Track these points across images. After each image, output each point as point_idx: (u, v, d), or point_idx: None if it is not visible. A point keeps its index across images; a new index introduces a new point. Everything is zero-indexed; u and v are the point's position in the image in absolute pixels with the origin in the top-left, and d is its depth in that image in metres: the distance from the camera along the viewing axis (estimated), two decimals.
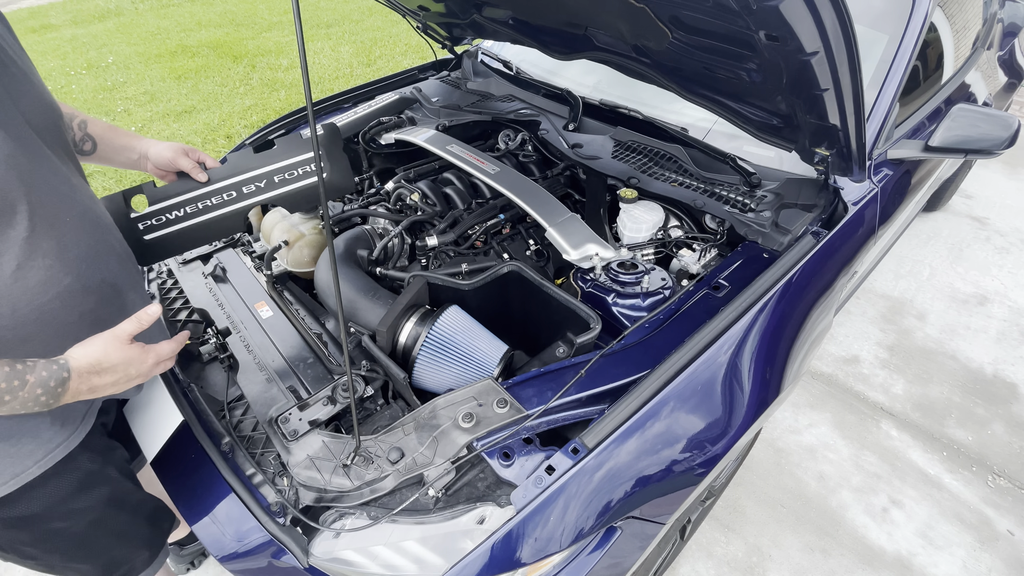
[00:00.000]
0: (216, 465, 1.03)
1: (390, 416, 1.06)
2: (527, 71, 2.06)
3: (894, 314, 2.52)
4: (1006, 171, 3.57)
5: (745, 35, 0.98)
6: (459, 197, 1.50)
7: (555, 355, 1.12)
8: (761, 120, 1.32)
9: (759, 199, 1.38)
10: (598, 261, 1.23)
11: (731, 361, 1.07)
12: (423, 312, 1.13)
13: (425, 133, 1.66)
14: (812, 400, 2.12)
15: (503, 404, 0.94)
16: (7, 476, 0.82)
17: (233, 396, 1.14)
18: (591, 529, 0.90)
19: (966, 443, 1.98)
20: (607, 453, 0.91)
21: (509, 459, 0.90)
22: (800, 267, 1.23)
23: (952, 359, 2.31)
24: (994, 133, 1.46)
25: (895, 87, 1.48)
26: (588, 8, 1.30)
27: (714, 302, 1.14)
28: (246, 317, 1.28)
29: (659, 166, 1.56)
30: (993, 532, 1.72)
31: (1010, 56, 2.54)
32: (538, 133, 1.74)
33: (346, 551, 0.89)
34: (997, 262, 2.82)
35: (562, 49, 1.64)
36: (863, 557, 1.66)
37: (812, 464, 1.90)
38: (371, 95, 2.07)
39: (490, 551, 0.84)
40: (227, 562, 0.96)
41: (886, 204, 1.53)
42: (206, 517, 1.00)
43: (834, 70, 0.95)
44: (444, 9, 1.83)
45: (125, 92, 4.86)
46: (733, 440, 1.05)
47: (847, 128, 1.13)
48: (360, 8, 7.25)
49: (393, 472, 0.91)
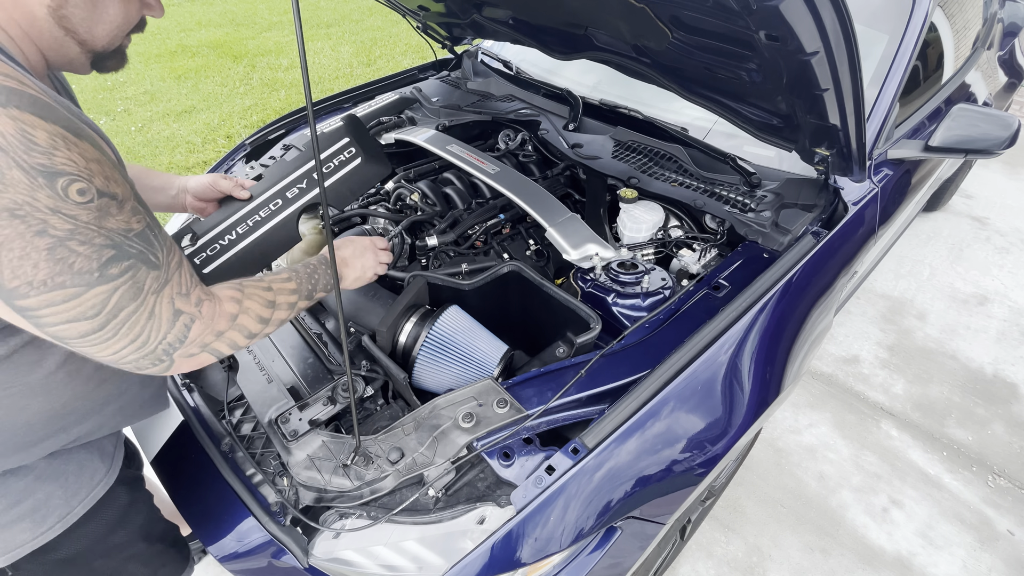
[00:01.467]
0: (216, 465, 1.03)
1: (390, 416, 1.06)
2: (527, 71, 2.06)
3: (894, 314, 2.52)
4: (1006, 171, 3.57)
5: (745, 35, 0.98)
6: (459, 197, 1.50)
7: (555, 355, 1.12)
8: (761, 120, 1.32)
9: (759, 199, 1.38)
10: (598, 261, 1.23)
11: (731, 361, 1.07)
12: (423, 312, 1.13)
13: (425, 133, 1.66)
14: (812, 400, 2.12)
15: (503, 404, 0.94)
16: (55, 518, 0.80)
17: (233, 396, 1.14)
18: (591, 529, 0.89)
19: (966, 443, 1.98)
20: (607, 453, 0.91)
21: (509, 459, 0.90)
22: (800, 267, 1.23)
23: (952, 359, 2.31)
24: (994, 133, 1.46)
25: (895, 87, 1.48)
26: (588, 8, 1.30)
27: (714, 302, 1.14)
28: None
29: (659, 166, 1.56)
30: (993, 532, 1.72)
31: (1010, 56, 2.54)
32: (538, 133, 1.74)
33: (346, 551, 0.89)
34: (997, 262, 2.82)
35: (562, 49, 1.64)
36: (863, 557, 1.66)
37: (812, 464, 1.90)
38: (371, 95, 2.07)
39: (490, 551, 0.84)
40: (227, 562, 0.96)
41: (886, 204, 1.53)
42: (206, 517, 1.00)
43: (834, 70, 0.95)
44: (444, 9, 1.83)
45: (125, 92, 4.86)
46: (733, 440, 1.05)
47: (847, 128, 1.13)
48: (360, 8, 7.25)
49: (393, 472, 0.91)
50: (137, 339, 0.61)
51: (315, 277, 0.85)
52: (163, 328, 0.63)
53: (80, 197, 0.54)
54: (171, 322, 0.63)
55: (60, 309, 0.55)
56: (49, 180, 0.52)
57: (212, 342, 0.68)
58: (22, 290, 0.53)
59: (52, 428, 0.78)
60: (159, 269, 0.62)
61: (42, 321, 0.56)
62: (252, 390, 1.10)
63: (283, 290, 0.78)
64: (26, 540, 0.78)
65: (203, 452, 1.06)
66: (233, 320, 0.70)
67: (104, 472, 0.88)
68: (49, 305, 0.55)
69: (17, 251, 0.51)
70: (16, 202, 0.50)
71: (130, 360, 0.63)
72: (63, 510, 0.81)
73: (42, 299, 0.54)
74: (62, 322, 0.56)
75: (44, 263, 0.53)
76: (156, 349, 0.63)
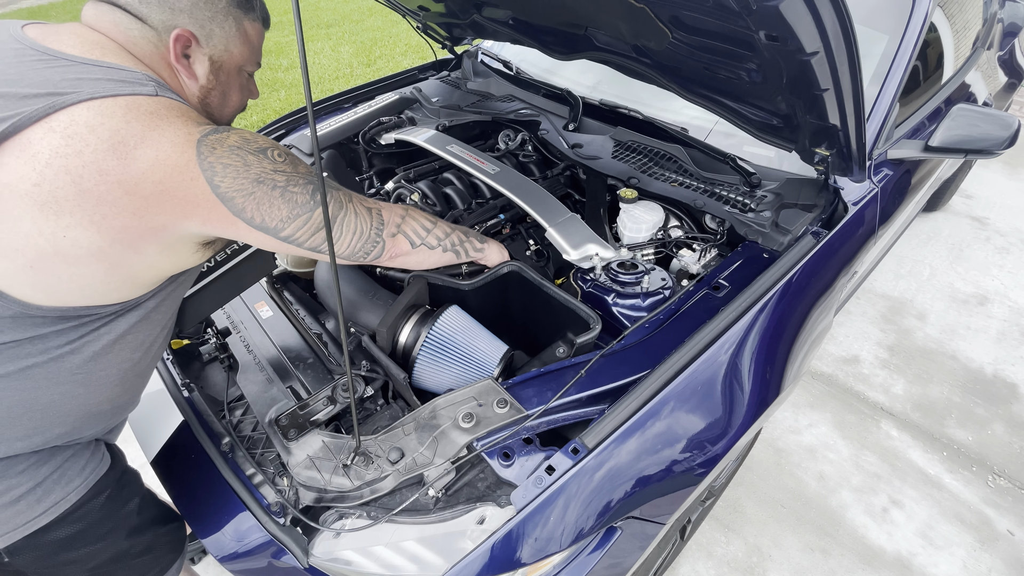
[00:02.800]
0: (216, 465, 1.03)
1: (390, 416, 1.06)
2: (527, 71, 2.06)
3: (894, 314, 2.52)
4: (1006, 171, 3.57)
5: (745, 35, 0.98)
6: (459, 197, 1.50)
7: (555, 355, 1.12)
8: (761, 120, 1.32)
9: (759, 199, 1.38)
10: (598, 261, 1.23)
11: (731, 361, 1.07)
12: (423, 312, 1.13)
13: (425, 133, 1.66)
14: (812, 400, 2.12)
15: (503, 404, 0.94)
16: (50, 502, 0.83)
17: (233, 396, 1.14)
18: (591, 529, 0.90)
19: (966, 443, 1.98)
20: (607, 453, 0.91)
21: (509, 459, 0.90)
22: (800, 267, 1.23)
23: (952, 359, 2.31)
24: (994, 133, 1.46)
25: (895, 87, 1.48)
26: (588, 8, 1.30)
27: (714, 302, 1.14)
28: (246, 317, 1.28)
29: (659, 166, 1.56)
30: (993, 532, 1.72)
31: (1010, 56, 2.54)
32: (538, 133, 1.74)
33: (346, 551, 0.89)
34: (997, 262, 2.82)
35: (562, 49, 1.64)
36: (863, 557, 1.66)
37: (812, 464, 1.90)
38: (371, 95, 2.07)
39: (490, 551, 0.84)
40: (227, 562, 0.96)
41: (886, 204, 1.53)
42: (206, 517, 1.00)
43: (834, 70, 0.95)
44: (444, 9, 1.83)
45: None
46: (733, 440, 1.05)
47: (847, 128, 1.13)
48: (360, 8, 7.25)
49: (393, 472, 0.91)
50: (356, 230, 0.88)
51: (466, 243, 1.12)
52: (367, 219, 0.90)
53: (280, 158, 0.79)
54: (368, 214, 0.90)
55: (305, 230, 0.80)
56: (264, 154, 0.77)
57: (400, 223, 0.96)
58: (279, 226, 0.78)
59: (81, 423, 0.85)
60: (340, 190, 0.89)
61: (299, 241, 0.81)
62: (252, 390, 1.10)
63: (440, 225, 1.05)
64: (19, 524, 0.81)
65: (203, 452, 1.06)
66: (404, 216, 0.98)
67: (98, 461, 0.91)
68: (298, 229, 0.80)
69: (266, 203, 0.76)
70: (256, 174, 0.75)
71: (358, 248, 0.90)
72: (59, 494, 0.84)
73: (292, 227, 0.79)
74: (310, 235, 0.81)
75: (283, 205, 0.77)
76: (370, 234, 0.90)
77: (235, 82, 0.89)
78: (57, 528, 0.85)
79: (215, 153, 0.72)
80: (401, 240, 0.96)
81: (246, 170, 0.74)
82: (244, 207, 0.74)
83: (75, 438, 0.86)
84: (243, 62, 0.88)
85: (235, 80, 0.89)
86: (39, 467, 0.82)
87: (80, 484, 0.87)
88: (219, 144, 0.73)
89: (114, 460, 0.95)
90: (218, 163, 0.72)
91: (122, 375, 0.85)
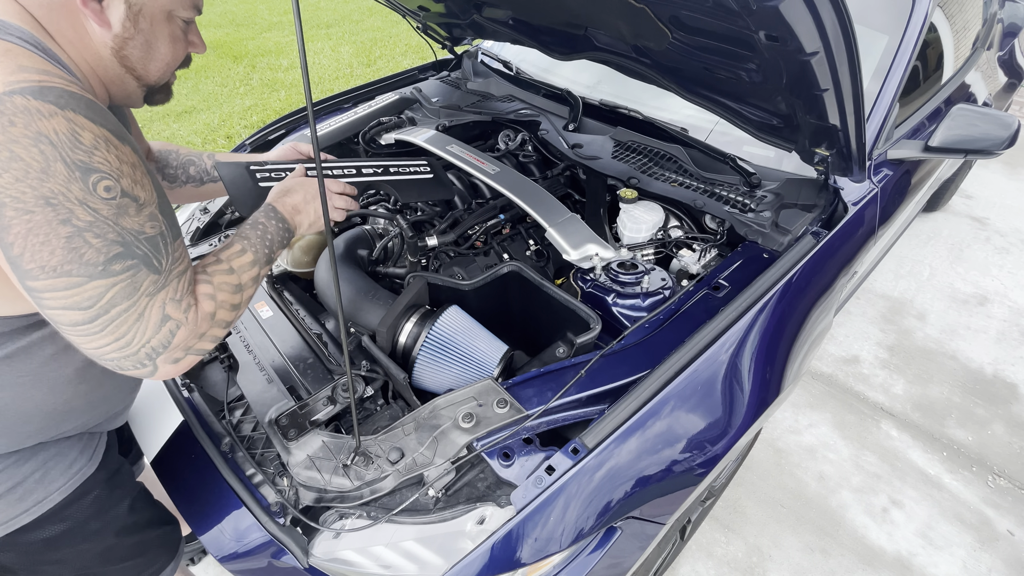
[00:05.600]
0: (216, 465, 1.03)
1: (390, 416, 1.06)
2: (527, 71, 2.06)
3: (894, 314, 2.52)
4: (1006, 171, 3.57)
5: (745, 35, 0.98)
6: (459, 197, 1.50)
7: (555, 355, 1.12)
8: (761, 120, 1.32)
9: (759, 199, 1.38)
10: (598, 261, 1.23)
11: (731, 361, 1.07)
12: (423, 312, 1.13)
13: (425, 133, 1.66)
14: (812, 400, 2.12)
15: (503, 404, 0.94)
16: (31, 501, 0.82)
17: (233, 396, 1.14)
18: (591, 529, 0.90)
19: (966, 443, 1.98)
20: (607, 453, 0.91)
21: (509, 459, 0.90)
22: (800, 267, 1.23)
23: (952, 359, 2.31)
24: (994, 133, 1.46)
25: (895, 87, 1.48)
26: (588, 8, 1.30)
27: (714, 302, 1.14)
28: (246, 317, 1.28)
29: (659, 166, 1.56)
30: (993, 532, 1.72)
31: (1010, 56, 2.54)
32: (538, 133, 1.74)
33: (346, 551, 0.89)
34: (997, 262, 2.82)
35: (562, 49, 1.64)
36: (863, 557, 1.66)
37: (812, 464, 1.90)
38: (371, 95, 2.07)
39: (490, 551, 0.84)
40: (227, 562, 0.96)
41: (886, 204, 1.54)
42: (206, 517, 1.00)
43: (834, 70, 0.95)
44: (444, 9, 1.83)
45: None
46: (733, 440, 1.05)
47: (847, 128, 1.13)
48: (360, 8, 7.25)
49: (393, 472, 0.91)
50: (122, 338, 0.64)
51: (267, 238, 0.84)
52: (148, 332, 0.66)
53: (106, 193, 0.59)
54: (157, 327, 0.66)
55: (61, 295, 0.60)
56: (84, 175, 0.58)
57: (195, 344, 0.72)
58: (34, 272, 0.58)
59: (48, 422, 0.81)
60: (159, 274, 0.66)
61: (43, 303, 0.61)
62: (252, 390, 1.10)
63: (243, 267, 0.79)
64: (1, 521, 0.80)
65: (203, 452, 1.06)
66: (212, 318, 0.73)
67: (85, 461, 0.89)
68: (52, 290, 0.60)
69: (41, 236, 0.57)
70: (53, 192, 0.56)
71: (112, 358, 0.65)
72: (40, 495, 0.83)
73: (48, 283, 0.59)
74: (59, 307, 0.61)
75: (60, 250, 0.58)
76: (139, 351, 0.66)
77: (163, 30, 0.73)
78: (40, 528, 0.84)
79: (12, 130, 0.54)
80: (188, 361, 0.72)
81: (41, 180, 0.55)
82: (10, 224, 0.56)
83: (54, 435, 0.83)
84: (171, 5, 0.72)
85: (163, 28, 0.72)
86: (19, 466, 0.80)
87: (64, 484, 0.85)
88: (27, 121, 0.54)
89: (106, 459, 0.93)
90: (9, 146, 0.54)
91: (78, 373, 0.80)
